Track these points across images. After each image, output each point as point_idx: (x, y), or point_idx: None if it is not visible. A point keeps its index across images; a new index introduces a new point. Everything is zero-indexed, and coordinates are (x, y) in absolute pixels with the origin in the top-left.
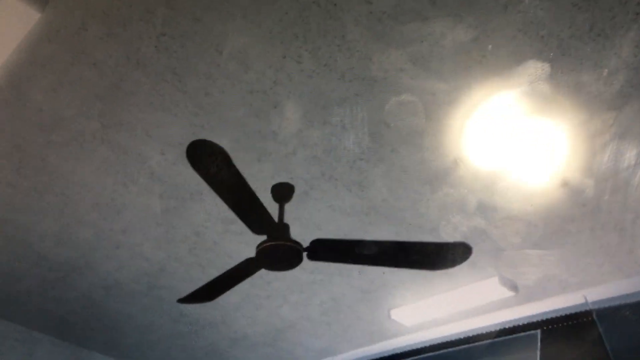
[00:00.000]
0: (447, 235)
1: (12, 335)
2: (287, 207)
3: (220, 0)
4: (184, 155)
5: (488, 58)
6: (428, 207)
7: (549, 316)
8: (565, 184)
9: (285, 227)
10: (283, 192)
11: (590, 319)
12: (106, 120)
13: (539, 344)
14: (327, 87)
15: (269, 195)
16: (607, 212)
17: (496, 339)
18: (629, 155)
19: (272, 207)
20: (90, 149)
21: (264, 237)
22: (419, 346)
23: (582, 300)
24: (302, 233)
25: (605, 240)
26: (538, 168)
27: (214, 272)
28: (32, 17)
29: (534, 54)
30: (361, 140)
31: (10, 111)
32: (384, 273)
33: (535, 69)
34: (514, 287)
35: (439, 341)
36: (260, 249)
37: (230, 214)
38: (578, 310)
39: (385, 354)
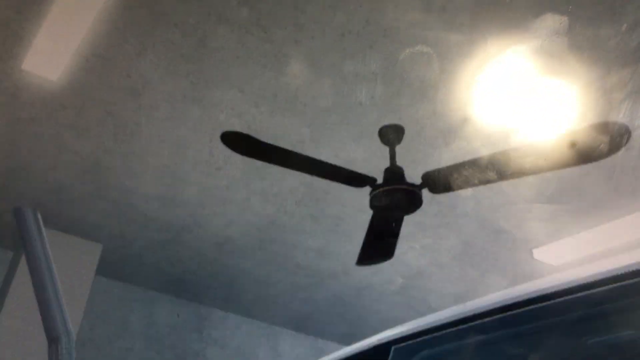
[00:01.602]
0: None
1: (131, 296)
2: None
3: None
4: (280, 105)
5: (507, 9)
6: None
7: None
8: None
9: (397, 170)
10: (392, 134)
11: None
12: (195, 78)
13: None
14: (428, 21)
15: (377, 139)
16: None
17: None
18: None
19: (382, 150)
20: (183, 109)
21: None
22: (567, 285)
23: None
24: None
25: None
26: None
27: (328, 222)
28: None
29: (553, 7)
30: (465, 72)
31: (98, 79)
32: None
33: (553, 21)
34: None
35: (591, 279)
36: (372, 196)
37: (338, 161)
38: None
39: (530, 296)
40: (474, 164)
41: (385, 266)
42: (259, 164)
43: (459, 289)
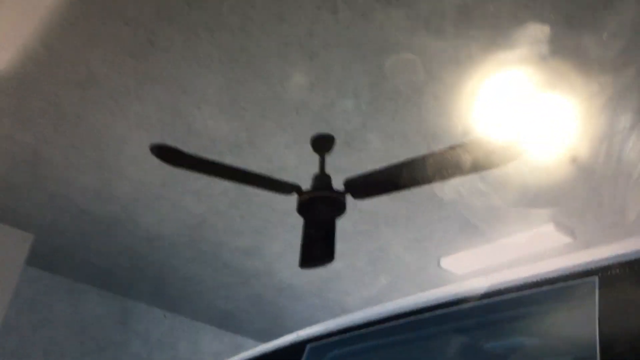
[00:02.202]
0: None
1: (59, 287)
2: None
3: None
4: (221, 109)
5: (489, 20)
6: None
7: (608, 262)
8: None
9: (324, 178)
10: (323, 143)
11: None
12: (140, 76)
13: (596, 291)
14: (365, 38)
15: (309, 147)
16: None
17: (551, 286)
18: None
19: (313, 158)
20: (125, 105)
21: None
22: (468, 294)
23: None
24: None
25: None
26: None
27: (257, 223)
28: None
29: (535, 17)
30: (402, 90)
31: (45, 70)
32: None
33: (535, 30)
34: (571, 233)
35: (491, 289)
36: (298, 202)
37: (270, 166)
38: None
39: (436, 302)
40: (391, 170)
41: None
42: None
43: (372, 292)
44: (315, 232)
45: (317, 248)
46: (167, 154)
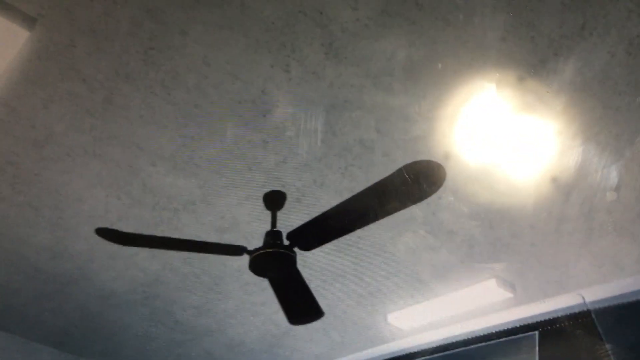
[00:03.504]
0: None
1: (12, 347)
2: (279, 214)
3: (206, 12)
4: (176, 166)
5: (477, 60)
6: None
7: (547, 317)
8: (554, 181)
9: (275, 234)
10: (275, 200)
11: (589, 319)
12: (97, 134)
13: (537, 345)
14: (316, 95)
15: (261, 203)
16: (610, 212)
17: (494, 341)
18: (624, 153)
19: (265, 215)
20: (83, 163)
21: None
22: (416, 349)
23: (580, 301)
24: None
25: (604, 240)
26: (528, 166)
27: (208, 280)
28: (22, 35)
29: (524, 55)
30: (352, 147)
31: (3, 128)
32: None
33: (526, 68)
34: (512, 288)
35: (437, 344)
36: (249, 261)
37: (223, 223)
38: (576, 310)
39: (383, 358)
40: (329, 214)
41: (257, 325)
42: (149, 222)
43: (321, 349)
44: (284, 290)
45: (298, 305)
46: (113, 236)
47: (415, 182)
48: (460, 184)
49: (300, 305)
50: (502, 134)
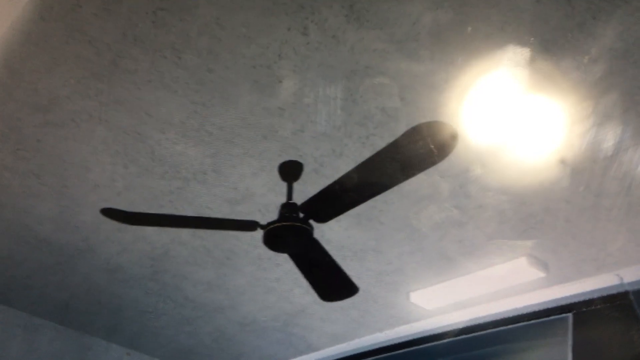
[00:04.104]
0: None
1: (14, 322)
2: (296, 185)
3: None
4: (186, 134)
5: (510, 23)
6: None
7: (581, 298)
8: (591, 153)
9: (291, 206)
10: (291, 171)
11: (627, 300)
12: (104, 99)
13: (570, 327)
14: (335, 61)
15: (277, 174)
16: None
17: (524, 323)
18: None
19: (280, 186)
20: (88, 129)
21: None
22: (441, 330)
23: (618, 281)
24: None
25: None
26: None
27: (220, 255)
28: None
29: (560, 18)
30: (374, 115)
31: (4, 92)
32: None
33: (562, 32)
34: (544, 268)
35: (463, 325)
36: (263, 236)
37: (236, 194)
38: (613, 291)
39: (406, 339)
40: (342, 181)
41: (270, 303)
42: (157, 192)
43: (338, 328)
44: (309, 267)
45: (328, 281)
46: (120, 216)
47: (425, 145)
48: (489, 156)
49: (331, 282)
50: (535, 103)
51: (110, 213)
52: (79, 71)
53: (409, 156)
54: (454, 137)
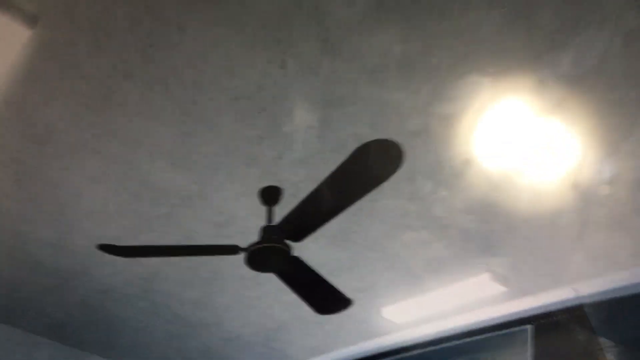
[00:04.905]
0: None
1: (13, 339)
2: (276, 209)
3: (203, 9)
4: (174, 162)
5: (472, 53)
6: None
7: (540, 311)
8: (549, 174)
9: (271, 229)
10: (271, 195)
11: (582, 313)
12: (97, 130)
13: (530, 338)
14: (311, 91)
15: (258, 198)
16: (604, 206)
17: (488, 334)
18: (620, 147)
19: (262, 210)
20: (83, 159)
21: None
22: (410, 343)
23: (574, 294)
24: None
25: (598, 234)
26: (522, 160)
27: (206, 276)
28: (24, 34)
29: (519, 48)
30: (347, 142)
31: (7, 126)
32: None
33: (521, 61)
34: (505, 282)
35: (431, 337)
36: (247, 253)
37: (221, 218)
38: (570, 304)
39: (378, 351)
40: (311, 198)
41: (252, 318)
42: (146, 217)
43: (316, 342)
44: (298, 284)
45: (320, 296)
46: (118, 251)
47: (372, 163)
48: (454, 179)
49: (323, 296)
50: (496, 127)
51: (106, 248)
52: (73, 105)
53: (360, 172)
54: (399, 153)
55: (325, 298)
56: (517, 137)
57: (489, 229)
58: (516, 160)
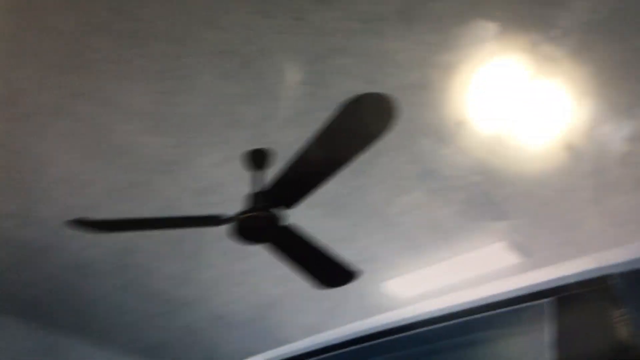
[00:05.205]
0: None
1: None
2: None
3: None
4: (151, 124)
5: (432, 21)
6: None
7: (560, 283)
8: (565, 134)
9: (260, 196)
10: (259, 159)
11: (607, 284)
12: (66, 90)
13: (550, 313)
14: (301, 43)
15: (244, 162)
16: (631, 165)
17: (502, 310)
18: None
19: (248, 176)
20: (51, 122)
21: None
22: (415, 320)
23: (598, 264)
24: None
25: (625, 199)
26: (535, 118)
27: (188, 249)
28: None
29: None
30: (341, 99)
31: None
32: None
33: (481, 30)
34: (521, 252)
35: (439, 314)
36: (232, 224)
37: (204, 185)
38: (593, 275)
39: (380, 329)
40: (299, 159)
41: (241, 295)
42: (121, 185)
43: (311, 320)
44: (296, 256)
45: (321, 268)
46: (93, 226)
47: (363, 118)
48: (460, 136)
49: (325, 268)
50: (506, 83)
51: (77, 223)
52: (41, 63)
53: (351, 129)
54: (392, 108)
55: (328, 270)
56: (523, 95)
57: (502, 194)
58: (527, 119)
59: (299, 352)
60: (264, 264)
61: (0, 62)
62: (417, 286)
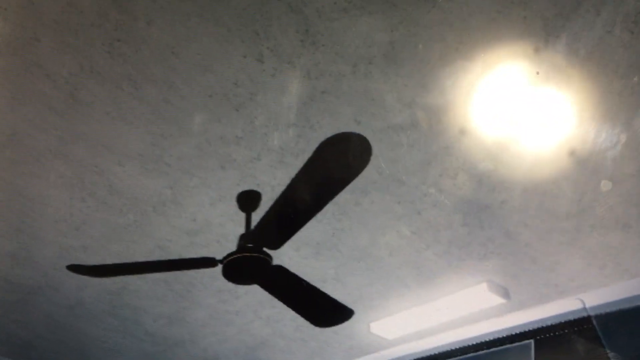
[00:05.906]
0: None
1: None
2: (255, 216)
3: (174, 0)
4: (144, 166)
5: (464, 43)
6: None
7: (543, 324)
8: (549, 173)
9: (249, 237)
10: (249, 200)
11: (589, 325)
12: (61, 133)
13: (533, 354)
14: (292, 86)
15: (235, 204)
16: (607, 207)
17: (486, 350)
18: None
19: (239, 216)
20: (46, 164)
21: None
22: None
23: (580, 306)
24: None
25: (605, 238)
26: (520, 158)
27: (179, 288)
28: None
29: (515, 37)
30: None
31: None
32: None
33: (517, 50)
34: (505, 294)
35: (424, 354)
36: (224, 265)
37: (195, 226)
38: (576, 316)
39: None
40: (280, 202)
41: (231, 335)
42: (115, 226)
43: (299, 359)
44: (287, 296)
45: (315, 308)
46: (89, 271)
47: (338, 158)
48: (445, 180)
49: (318, 307)
50: (491, 124)
51: (75, 268)
52: (37, 106)
53: (327, 169)
54: (366, 146)
55: (323, 309)
56: (510, 131)
57: (486, 236)
58: (511, 159)
59: None
60: (253, 304)
61: (1, 105)
62: (403, 327)
